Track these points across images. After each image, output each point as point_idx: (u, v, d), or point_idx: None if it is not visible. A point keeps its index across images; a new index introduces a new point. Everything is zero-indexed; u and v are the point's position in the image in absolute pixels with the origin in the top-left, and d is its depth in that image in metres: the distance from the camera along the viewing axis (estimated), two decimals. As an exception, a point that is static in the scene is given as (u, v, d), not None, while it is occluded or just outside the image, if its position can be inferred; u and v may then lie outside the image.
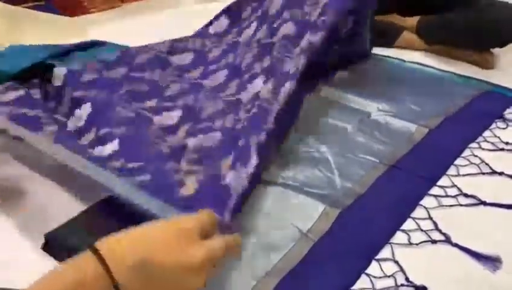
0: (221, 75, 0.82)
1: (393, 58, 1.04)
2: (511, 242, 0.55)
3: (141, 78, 0.77)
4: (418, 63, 1.01)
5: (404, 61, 1.02)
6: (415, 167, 0.66)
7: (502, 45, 1.00)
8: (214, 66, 0.85)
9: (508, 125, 0.76)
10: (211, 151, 0.62)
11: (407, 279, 0.50)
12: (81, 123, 0.65)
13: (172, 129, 0.67)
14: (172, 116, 0.70)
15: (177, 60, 0.85)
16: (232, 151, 0.60)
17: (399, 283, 0.50)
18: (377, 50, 1.05)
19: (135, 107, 0.68)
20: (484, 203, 0.60)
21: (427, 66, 1.00)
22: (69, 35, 0.90)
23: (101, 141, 0.61)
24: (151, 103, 0.71)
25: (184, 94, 0.75)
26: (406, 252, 0.54)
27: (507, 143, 0.71)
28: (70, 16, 1.08)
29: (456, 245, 0.54)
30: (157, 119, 0.68)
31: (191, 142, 0.64)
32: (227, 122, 0.68)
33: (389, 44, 1.11)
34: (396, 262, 0.52)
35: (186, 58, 0.87)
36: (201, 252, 0.34)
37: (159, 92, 0.75)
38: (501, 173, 0.66)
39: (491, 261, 0.52)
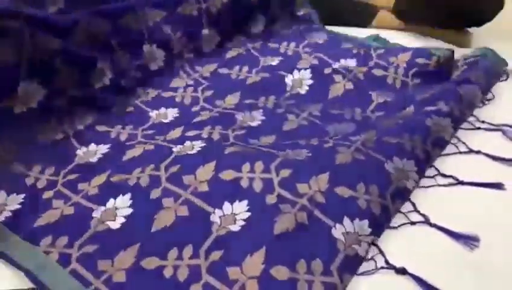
0: None
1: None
2: (489, 220, 0.55)
3: None
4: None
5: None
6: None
7: (479, 24, 1.00)
8: None
9: (484, 103, 0.76)
10: None
11: (386, 261, 0.50)
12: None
13: None
14: None
15: None
16: None
17: (379, 266, 0.50)
18: (352, 31, 1.04)
19: None
20: (462, 182, 0.61)
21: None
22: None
23: None
24: None
25: None
26: (386, 235, 0.53)
27: (483, 122, 0.72)
28: None
29: (434, 225, 0.54)
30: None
31: None
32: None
33: (364, 24, 1.10)
34: (376, 245, 0.52)
35: None
36: None
37: None
38: (478, 152, 0.66)
39: (469, 240, 0.52)
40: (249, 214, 0.52)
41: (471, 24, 1.02)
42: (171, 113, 0.74)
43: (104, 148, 0.65)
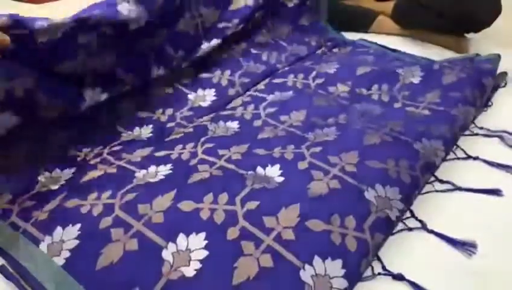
0: None
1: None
2: (487, 227, 0.55)
3: None
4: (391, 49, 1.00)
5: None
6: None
7: (477, 30, 1.01)
8: None
9: (483, 110, 0.76)
10: None
11: (383, 267, 0.50)
12: None
13: None
14: None
15: None
16: None
17: (376, 272, 0.49)
18: (351, 35, 1.04)
19: None
20: (459, 188, 0.60)
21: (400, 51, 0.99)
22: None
23: None
24: None
25: None
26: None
27: (481, 128, 0.72)
28: (32, 3, 1.03)
29: (432, 232, 0.54)
30: None
31: None
32: None
33: (363, 29, 1.10)
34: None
35: None
36: None
37: None
38: (476, 158, 0.66)
39: (467, 247, 0.52)
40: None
41: (469, 30, 1.03)
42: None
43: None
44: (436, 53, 0.99)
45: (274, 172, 0.58)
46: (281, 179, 0.56)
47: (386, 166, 0.58)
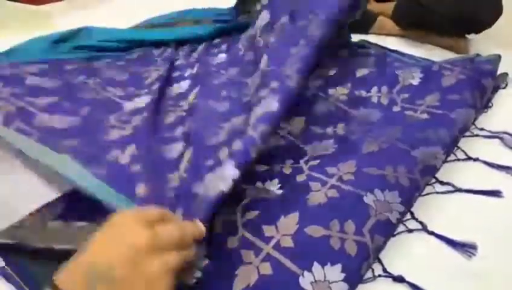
0: None
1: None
2: (487, 229, 0.55)
3: None
4: (391, 50, 1.00)
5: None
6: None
7: (478, 30, 1.01)
8: None
9: (483, 111, 0.76)
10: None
11: (384, 269, 0.50)
12: None
13: None
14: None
15: None
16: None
17: (376, 274, 0.49)
18: (353, 36, 1.04)
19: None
20: (460, 190, 0.60)
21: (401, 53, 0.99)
22: (31, 26, 0.85)
23: None
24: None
25: None
26: (383, 242, 0.53)
27: (482, 129, 0.72)
28: (33, 4, 1.03)
29: (432, 233, 0.54)
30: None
31: None
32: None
33: (364, 30, 1.10)
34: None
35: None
36: (156, 263, 0.35)
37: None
38: (476, 159, 0.66)
39: (467, 248, 0.52)
40: None
41: (470, 31, 1.03)
42: None
43: None
44: (436, 54, 0.99)
45: (273, 186, 0.58)
46: (280, 191, 0.57)
47: (385, 172, 0.58)
